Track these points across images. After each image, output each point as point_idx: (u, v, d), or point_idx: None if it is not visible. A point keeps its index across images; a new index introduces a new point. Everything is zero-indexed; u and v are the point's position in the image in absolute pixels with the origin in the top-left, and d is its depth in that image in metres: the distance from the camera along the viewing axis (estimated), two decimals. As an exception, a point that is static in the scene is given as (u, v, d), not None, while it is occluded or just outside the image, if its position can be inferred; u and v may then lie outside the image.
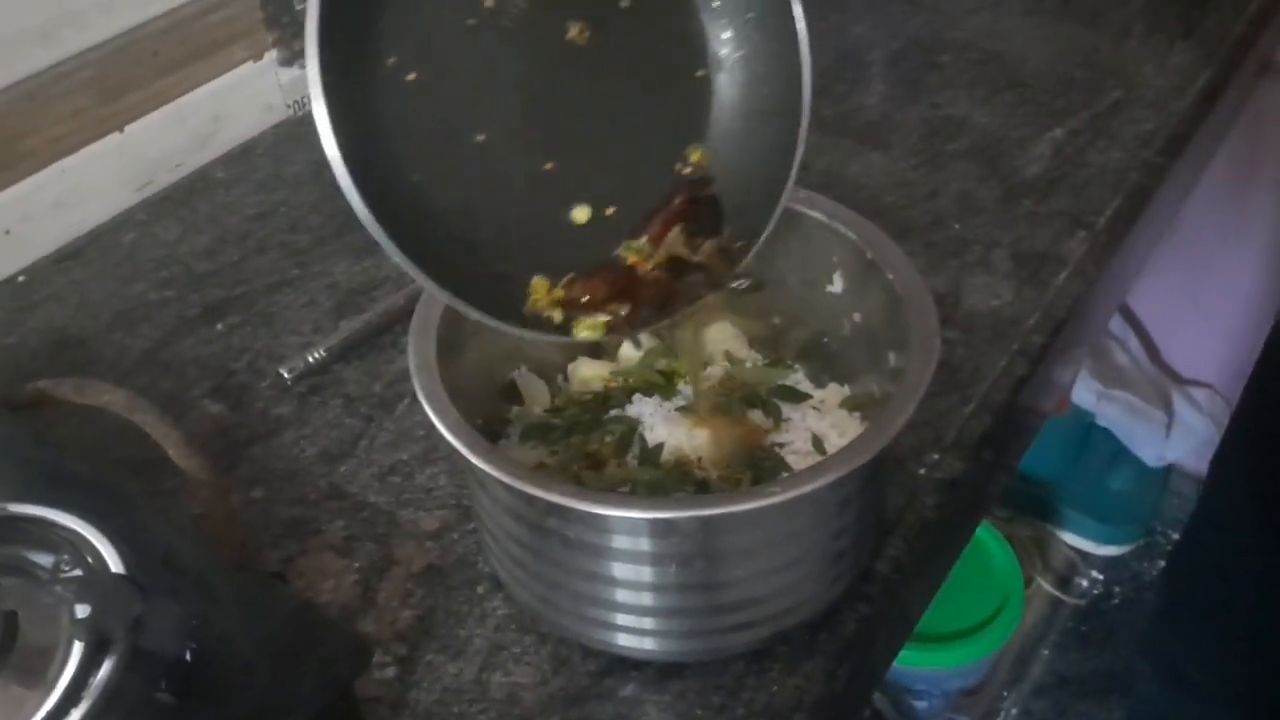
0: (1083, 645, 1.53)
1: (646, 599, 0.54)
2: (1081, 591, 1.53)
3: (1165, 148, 0.93)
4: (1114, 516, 1.52)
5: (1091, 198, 0.87)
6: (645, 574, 0.53)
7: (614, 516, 0.50)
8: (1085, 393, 1.48)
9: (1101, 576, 1.55)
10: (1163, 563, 1.63)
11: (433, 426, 0.70)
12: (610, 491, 0.56)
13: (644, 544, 0.52)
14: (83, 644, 0.46)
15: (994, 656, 1.33)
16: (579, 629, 0.57)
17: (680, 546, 0.52)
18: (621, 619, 0.55)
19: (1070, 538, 1.53)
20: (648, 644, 0.56)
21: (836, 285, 0.63)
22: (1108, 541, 1.53)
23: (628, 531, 0.51)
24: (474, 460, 0.51)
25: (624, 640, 0.56)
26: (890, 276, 0.58)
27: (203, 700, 0.48)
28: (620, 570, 0.53)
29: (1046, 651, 1.51)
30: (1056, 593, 1.51)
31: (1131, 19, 1.08)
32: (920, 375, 0.52)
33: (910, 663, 1.24)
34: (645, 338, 0.68)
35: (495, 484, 0.53)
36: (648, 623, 0.55)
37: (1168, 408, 1.50)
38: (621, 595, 0.54)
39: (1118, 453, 1.53)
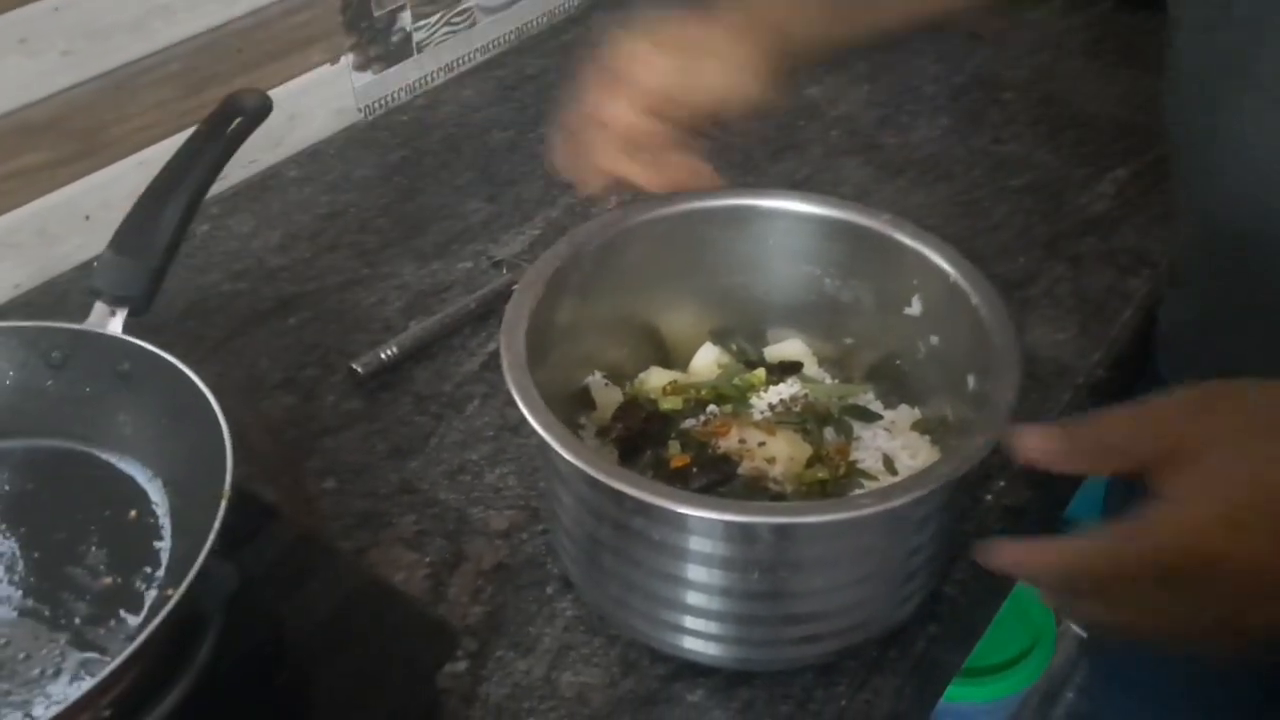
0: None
1: (720, 604, 0.55)
2: (1108, 636, 1.52)
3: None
4: (1144, 562, 1.51)
5: (1156, 238, 0.88)
6: (723, 579, 0.54)
7: (702, 518, 0.51)
8: (1122, 436, 1.47)
9: (1128, 621, 1.54)
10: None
11: (503, 427, 0.72)
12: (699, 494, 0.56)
13: (726, 549, 0.52)
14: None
15: (1023, 695, 1.33)
16: (649, 631, 0.58)
17: (762, 553, 0.53)
18: (692, 623, 0.56)
19: (1100, 581, 1.52)
20: (715, 649, 0.57)
21: (915, 308, 0.64)
22: (1137, 587, 1.52)
23: (712, 535, 0.52)
24: (565, 455, 0.51)
25: (693, 644, 0.57)
26: (975, 301, 0.59)
27: (293, 680, 0.49)
28: (697, 574, 0.54)
29: (1070, 694, 1.50)
30: (1084, 635, 1.50)
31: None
32: (1007, 397, 0.53)
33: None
34: (719, 353, 0.69)
35: (579, 481, 0.54)
36: (719, 629, 0.56)
37: (1203, 456, 1.49)
38: (695, 599, 0.55)
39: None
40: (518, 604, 0.62)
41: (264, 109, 0.62)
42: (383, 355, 0.75)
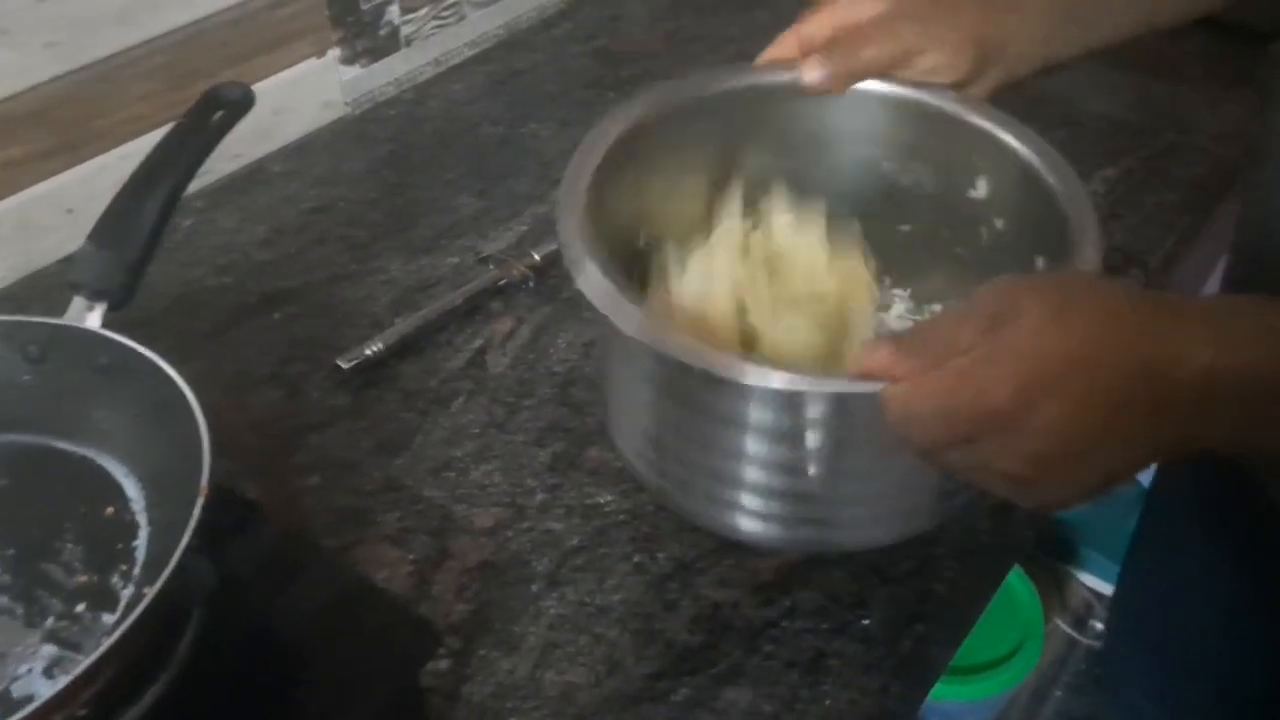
0: (1095, 687, 1.53)
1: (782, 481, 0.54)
2: (1096, 633, 1.53)
3: (1217, 192, 0.94)
4: (1133, 560, 1.51)
5: (1145, 237, 0.87)
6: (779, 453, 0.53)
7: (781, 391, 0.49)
8: (1112, 434, 1.47)
9: (1117, 620, 1.55)
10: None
11: (489, 424, 0.71)
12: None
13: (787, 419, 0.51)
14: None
15: (1011, 693, 1.33)
16: (704, 510, 0.58)
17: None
18: (749, 500, 0.55)
19: (1088, 579, 1.53)
20: (774, 531, 0.57)
21: (980, 190, 0.62)
22: (1125, 585, 1.52)
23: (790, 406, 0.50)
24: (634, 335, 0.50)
25: (748, 526, 0.57)
26: (1050, 181, 0.57)
27: (273, 679, 0.48)
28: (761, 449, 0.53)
29: (1059, 692, 1.51)
30: (1072, 633, 1.50)
31: (1185, 64, 1.08)
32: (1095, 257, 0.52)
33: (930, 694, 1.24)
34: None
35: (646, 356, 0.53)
36: (781, 507, 0.55)
37: (1192, 454, 1.50)
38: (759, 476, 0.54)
39: (1140, 496, 1.52)
40: (502, 602, 0.61)
41: (246, 101, 0.61)
42: (368, 351, 0.74)
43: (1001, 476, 0.45)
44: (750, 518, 0.56)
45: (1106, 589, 1.52)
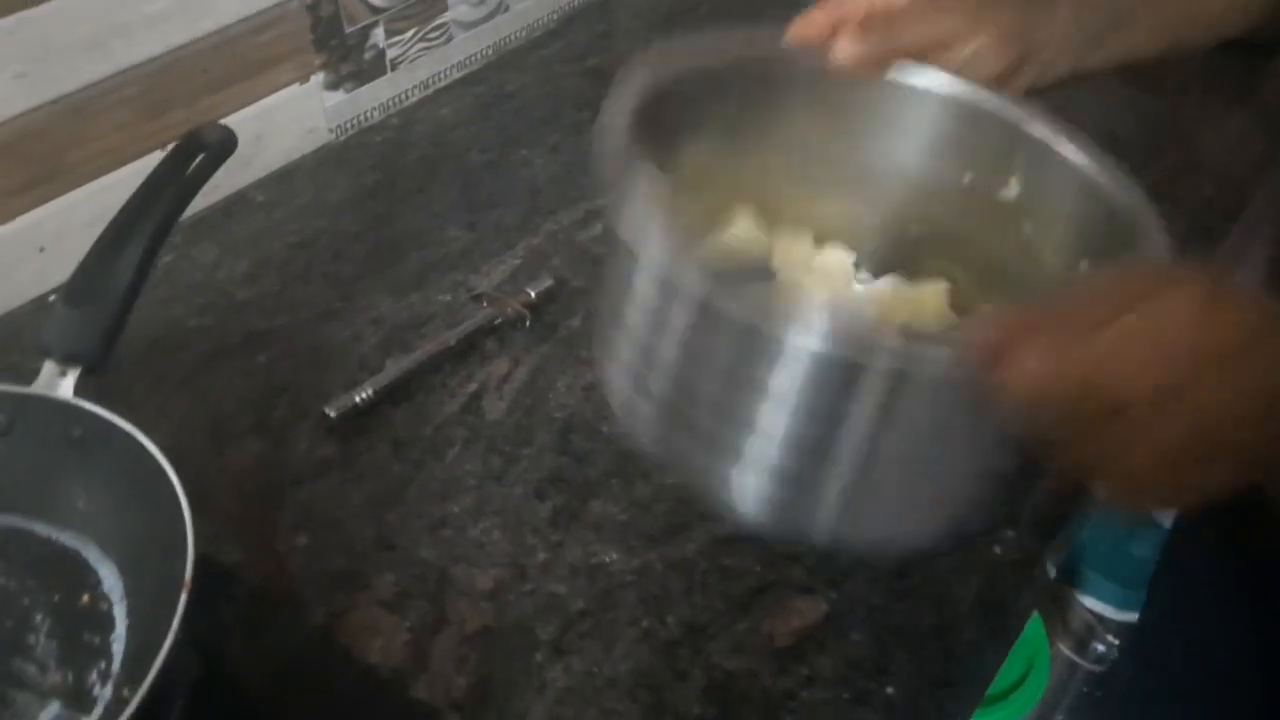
0: (1096, 711, 1.50)
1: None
2: (1098, 656, 1.50)
3: (1225, 215, 0.91)
4: (1134, 581, 1.49)
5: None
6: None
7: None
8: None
9: (1118, 642, 1.53)
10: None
11: (486, 476, 0.68)
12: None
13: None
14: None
15: (1015, 722, 1.30)
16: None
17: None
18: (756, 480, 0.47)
19: (1089, 601, 1.50)
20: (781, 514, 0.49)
21: (1012, 190, 0.58)
22: (1126, 606, 1.50)
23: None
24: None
25: (748, 499, 0.49)
26: (1100, 180, 0.54)
27: (262, 777, 0.45)
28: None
29: (1060, 716, 1.48)
30: (1074, 656, 1.48)
31: (1188, 81, 1.06)
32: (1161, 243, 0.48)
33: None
34: None
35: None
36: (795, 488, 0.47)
37: (1192, 473, 1.48)
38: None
39: (1140, 518, 1.50)
40: (505, 673, 0.58)
41: (228, 144, 0.58)
42: (358, 399, 0.71)
43: (1118, 471, 0.41)
44: (757, 497, 0.48)
45: (1108, 611, 1.50)
